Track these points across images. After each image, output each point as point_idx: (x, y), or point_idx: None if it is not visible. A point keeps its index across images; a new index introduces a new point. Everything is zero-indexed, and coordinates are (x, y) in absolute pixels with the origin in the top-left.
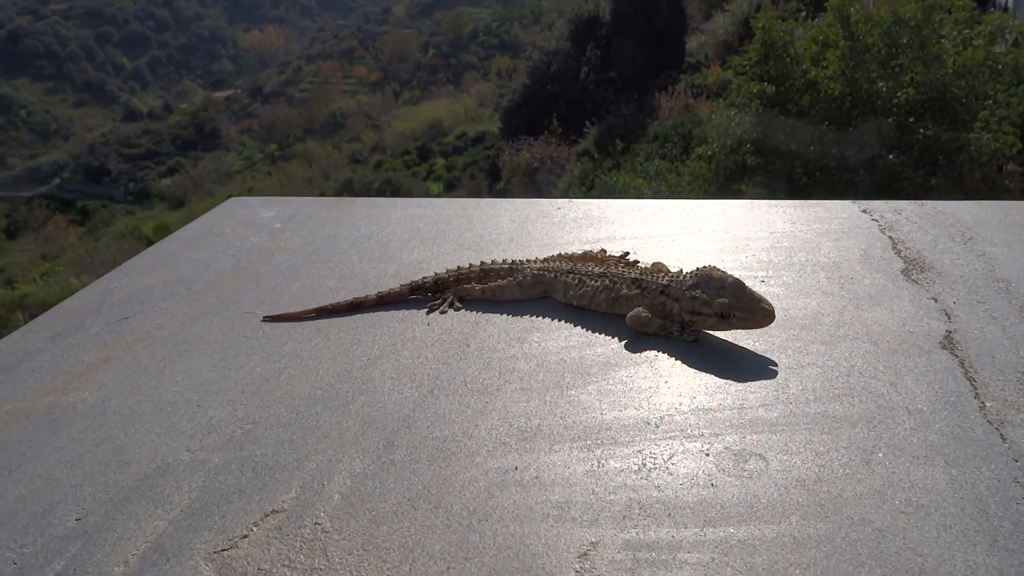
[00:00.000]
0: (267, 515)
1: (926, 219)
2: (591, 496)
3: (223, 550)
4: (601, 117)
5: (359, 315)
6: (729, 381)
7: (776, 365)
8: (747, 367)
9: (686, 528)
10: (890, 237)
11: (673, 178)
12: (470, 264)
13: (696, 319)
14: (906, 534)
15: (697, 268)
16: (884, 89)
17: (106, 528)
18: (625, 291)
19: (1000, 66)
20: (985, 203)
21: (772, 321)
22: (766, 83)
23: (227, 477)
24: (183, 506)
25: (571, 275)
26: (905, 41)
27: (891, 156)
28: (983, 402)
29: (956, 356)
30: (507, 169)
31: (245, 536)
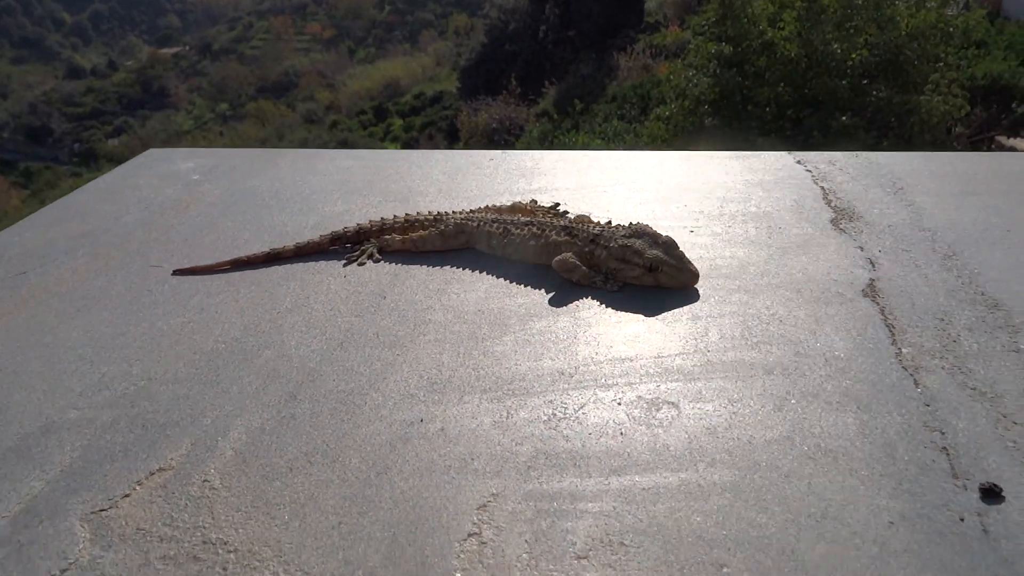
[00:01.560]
0: (153, 473)
1: (859, 170)
2: (496, 447)
3: (101, 510)
4: (560, 77)
5: (274, 268)
6: (649, 331)
7: (698, 315)
8: (668, 317)
9: (590, 477)
10: (822, 187)
11: (631, 139)
12: (394, 215)
13: (623, 268)
14: (812, 479)
15: (631, 223)
16: (839, 51)
17: None
18: (555, 238)
19: (951, 28)
20: (917, 154)
21: (695, 283)
22: (724, 44)
23: (114, 435)
24: (64, 466)
25: (495, 224)
26: (860, 2)
27: (844, 118)
28: (900, 348)
29: (877, 304)
30: (465, 130)
31: (127, 495)
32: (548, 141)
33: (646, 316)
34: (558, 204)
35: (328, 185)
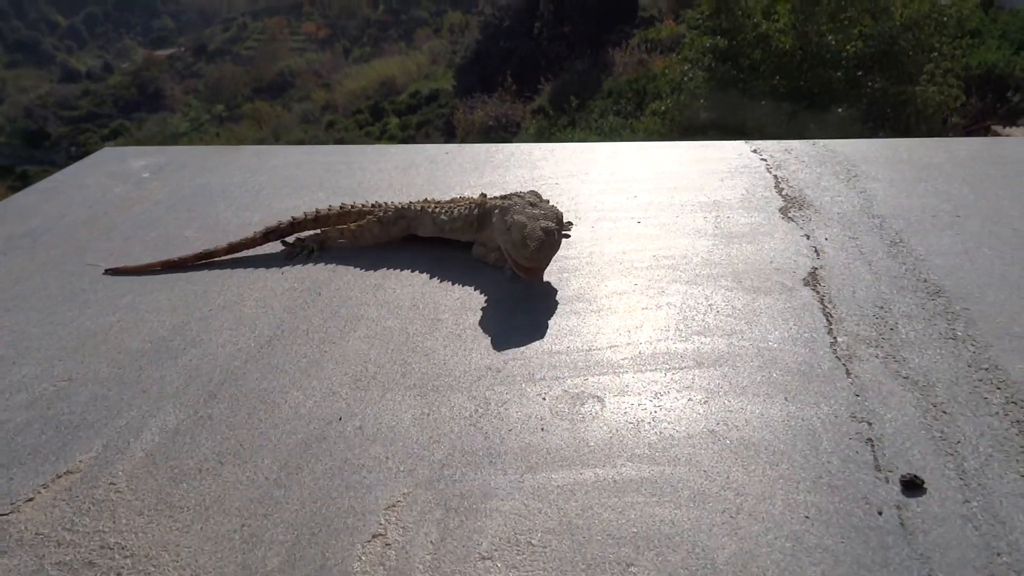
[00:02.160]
0: (59, 476)
1: (814, 158)
2: (413, 445)
3: (2, 515)
4: (555, 73)
5: (212, 266)
6: (582, 324)
7: (634, 307)
8: (605, 309)
9: (505, 475)
10: (775, 176)
11: (628, 134)
12: (328, 206)
13: (497, 228)
14: (730, 474)
15: (520, 193)
16: (833, 42)
17: None
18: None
19: (945, 18)
20: (874, 141)
21: (533, 272)
22: (718, 37)
23: (25, 437)
24: None
25: (435, 204)
26: None
27: (840, 110)
28: (835, 337)
29: (818, 292)
30: (462, 127)
31: (30, 500)
32: (545, 138)
33: (583, 309)
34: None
35: (278, 181)
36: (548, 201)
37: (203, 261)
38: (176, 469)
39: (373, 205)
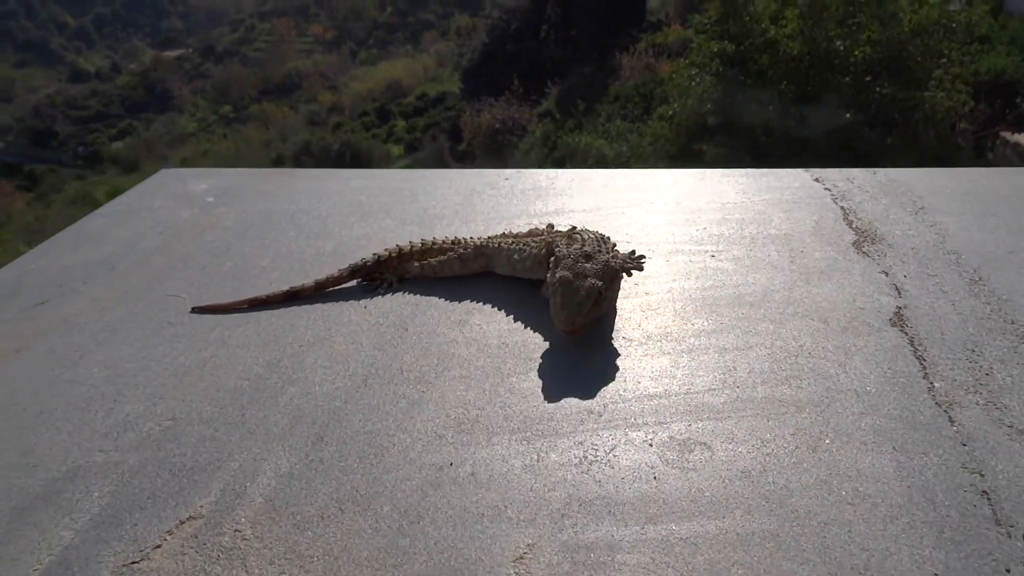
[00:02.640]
0: (183, 522)
1: (878, 188)
2: (529, 493)
3: (133, 562)
4: (562, 77)
5: (295, 300)
6: (676, 365)
7: (725, 347)
8: (695, 348)
9: (626, 526)
10: (842, 207)
11: (635, 139)
12: (410, 242)
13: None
14: (852, 527)
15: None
16: (842, 48)
17: (7, 540)
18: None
19: (954, 24)
20: (937, 170)
21: (562, 328)
22: (726, 42)
23: (142, 480)
24: (92, 513)
25: (513, 242)
26: None
27: (848, 115)
28: (932, 382)
29: (906, 333)
30: (469, 131)
31: (158, 546)
32: (551, 141)
33: (673, 349)
34: (575, 228)
35: (343, 207)
36: (613, 243)
37: (291, 298)
38: (298, 516)
39: (453, 241)
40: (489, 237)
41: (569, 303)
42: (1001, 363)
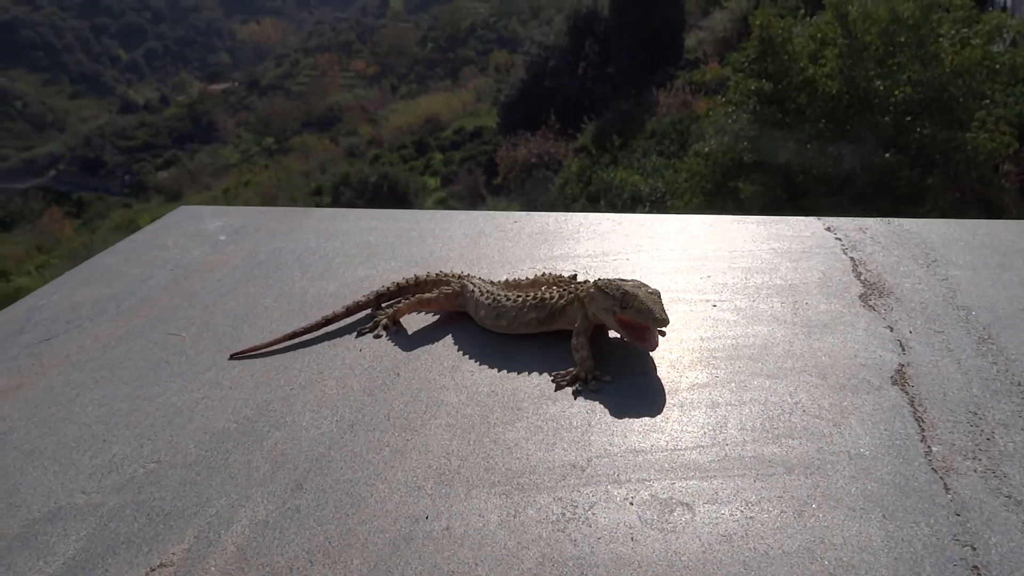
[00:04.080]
0: (153, 570)
1: (891, 238)
2: (502, 551)
3: None
4: (599, 113)
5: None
6: (665, 420)
7: (717, 402)
8: (687, 403)
9: None
10: (851, 258)
11: (670, 175)
12: (427, 273)
13: (601, 301)
14: None
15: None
16: (881, 88)
17: None
18: (560, 302)
19: (998, 65)
20: (953, 221)
21: (661, 326)
22: (764, 80)
23: (119, 524)
24: (67, 557)
25: (486, 295)
26: (903, 39)
27: (888, 155)
28: (929, 446)
29: (907, 393)
30: (504, 164)
31: None
32: (586, 176)
33: (664, 402)
34: (575, 275)
35: (350, 249)
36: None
37: (323, 327)
38: (268, 568)
39: (459, 276)
40: (481, 279)
41: (658, 301)
42: (1004, 428)
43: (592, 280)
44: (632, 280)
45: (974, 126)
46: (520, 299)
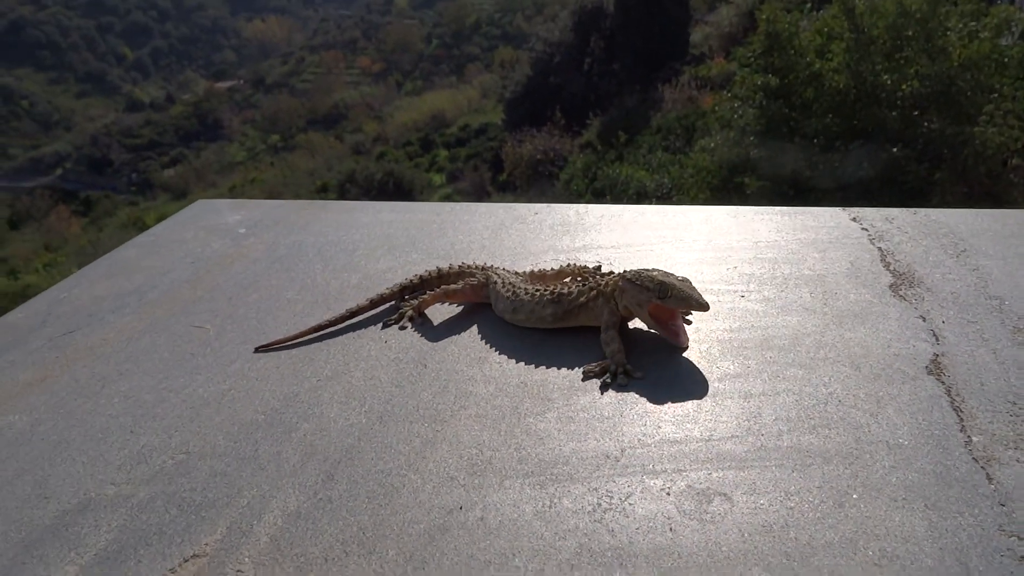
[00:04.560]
0: (187, 560)
1: (918, 228)
2: (539, 541)
3: None
4: (604, 109)
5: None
6: (699, 410)
7: (750, 392)
8: (720, 393)
9: None
10: (879, 248)
11: (676, 170)
12: (449, 264)
13: (634, 293)
14: None
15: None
16: (889, 82)
17: (12, 574)
18: (581, 300)
19: (1006, 59)
20: (981, 211)
21: (705, 310)
22: (770, 75)
23: (150, 515)
24: (99, 548)
25: (507, 287)
26: (910, 33)
27: (895, 150)
28: (969, 436)
29: (943, 383)
30: (510, 161)
31: None
32: (592, 172)
33: (696, 392)
34: (600, 266)
35: (371, 241)
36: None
37: (348, 320)
38: (302, 557)
39: (483, 267)
40: (507, 270)
41: (693, 288)
42: None
43: (617, 272)
44: (658, 270)
45: (982, 120)
46: (539, 293)
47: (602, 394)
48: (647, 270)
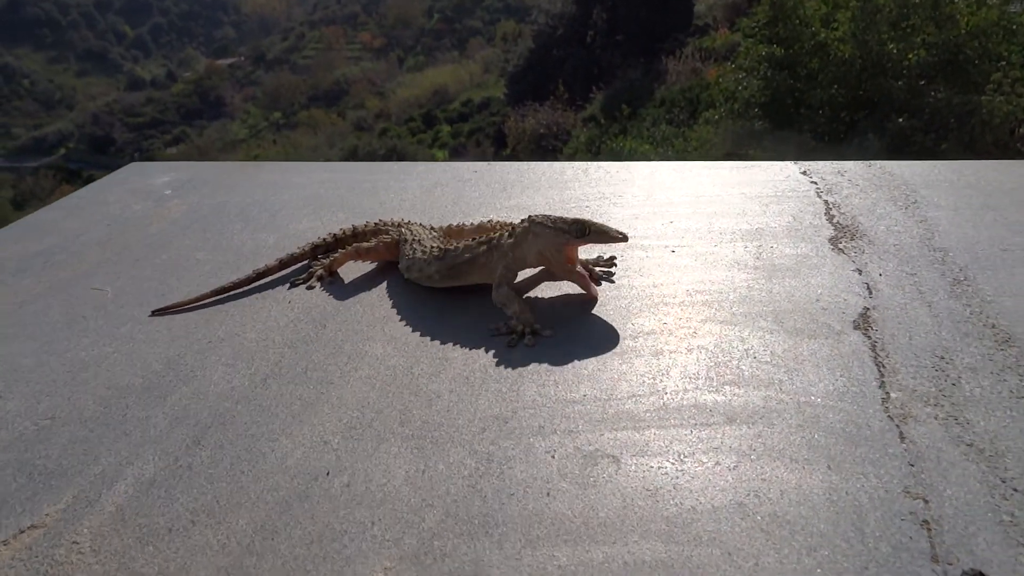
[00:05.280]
0: (23, 531)
1: (870, 181)
2: (403, 508)
3: None
4: (608, 82)
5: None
6: (603, 367)
7: (662, 349)
8: (629, 351)
9: (501, 549)
10: (825, 201)
11: (680, 143)
12: (365, 222)
13: (549, 235)
14: (760, 558)
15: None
16: (895, 51)
17: None
18: (466, 256)
19: (1015, 26)
20: (938, 163)
21: (626, 239)
22: (775, 46)
23: None
24: None
25: (413, 244)
26: (917, 1)
27: (901, 120)
28: (888, 392)
29: (869, 337)
30: (513, 135)
31: None
32: (595, 146)
33: (603, 350)
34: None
35: (298, 201)
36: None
37: (256, 282)
38: (145, 528)
39: (398, 224)
40: (422, 225)
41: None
42: (972, 372)
43: (518, 222)
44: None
45: (989, 89)
46: (432, 249)
47: (505, 353)
48: (554, 215)
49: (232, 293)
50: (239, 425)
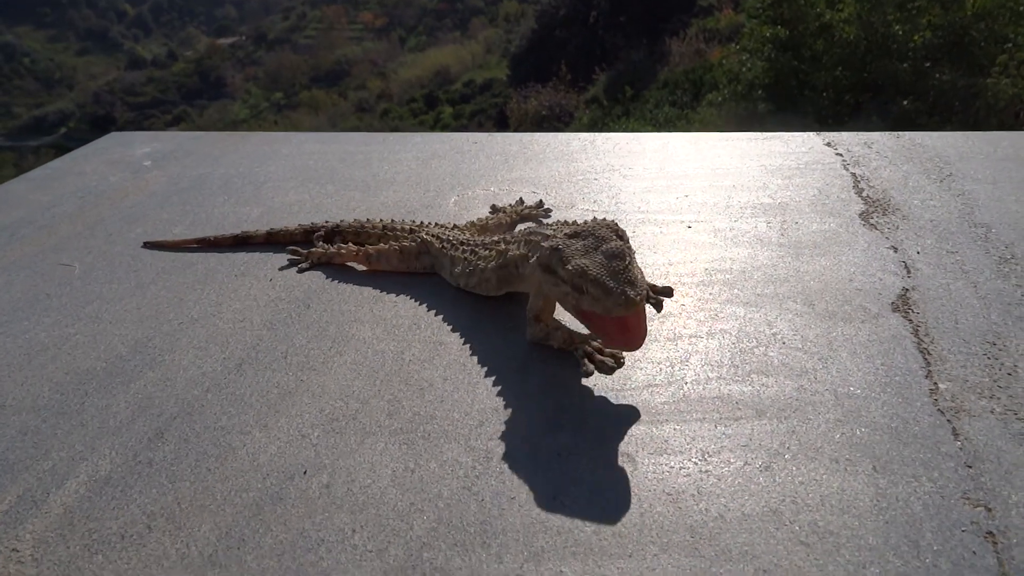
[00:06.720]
0: None
1: (900, 153)
2: (390, 513)
3: None
4: (610, 63)
5: (194, 269)
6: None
7: (680, 334)
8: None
9: (500, 563)
10: (853, 174)
11: (683, 125)
12: (367, 219)
13: (551, 282)
14: (799, 575)
15: (586, 221)
16: (900, 32)
17: None
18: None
19: (1022, 7)
20: (972, 134)
21: (629, 311)
22: (779, 27)
23: None
24: None
25: (462, 248)
26: None
27: (905, 102)
28: (936, 383)
29: (910, 321)
30: (515, 117)
31: None
32: (598, 128)
33: None
34: (542, 202)
35: (284, 172)
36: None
37: (240, 243)
38: (95, 533)
39: (411, 228)
40: (444, 229)
41: (621, 261)
42: None
43: (519, 233)
44: (578, 223)
45: (995, 71)
46: (489, 255)
47: (504, 338)
48: (561, 230)
49: (212, 270)
50: (208, 416)
